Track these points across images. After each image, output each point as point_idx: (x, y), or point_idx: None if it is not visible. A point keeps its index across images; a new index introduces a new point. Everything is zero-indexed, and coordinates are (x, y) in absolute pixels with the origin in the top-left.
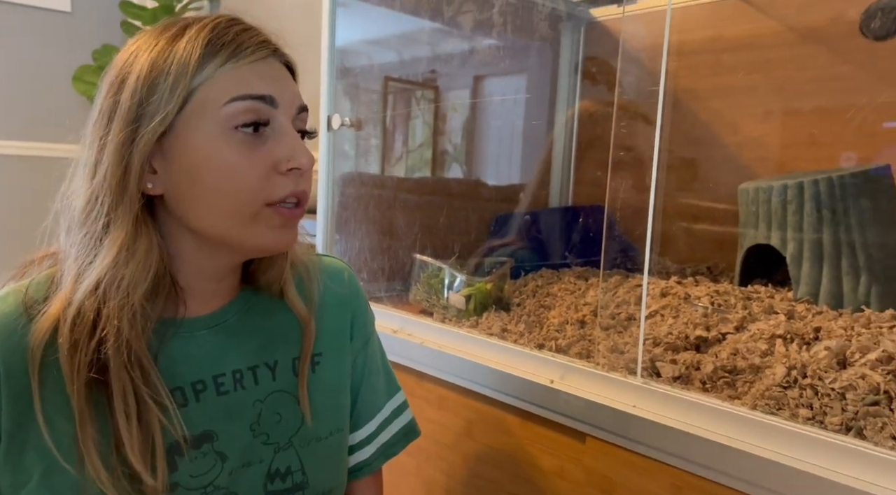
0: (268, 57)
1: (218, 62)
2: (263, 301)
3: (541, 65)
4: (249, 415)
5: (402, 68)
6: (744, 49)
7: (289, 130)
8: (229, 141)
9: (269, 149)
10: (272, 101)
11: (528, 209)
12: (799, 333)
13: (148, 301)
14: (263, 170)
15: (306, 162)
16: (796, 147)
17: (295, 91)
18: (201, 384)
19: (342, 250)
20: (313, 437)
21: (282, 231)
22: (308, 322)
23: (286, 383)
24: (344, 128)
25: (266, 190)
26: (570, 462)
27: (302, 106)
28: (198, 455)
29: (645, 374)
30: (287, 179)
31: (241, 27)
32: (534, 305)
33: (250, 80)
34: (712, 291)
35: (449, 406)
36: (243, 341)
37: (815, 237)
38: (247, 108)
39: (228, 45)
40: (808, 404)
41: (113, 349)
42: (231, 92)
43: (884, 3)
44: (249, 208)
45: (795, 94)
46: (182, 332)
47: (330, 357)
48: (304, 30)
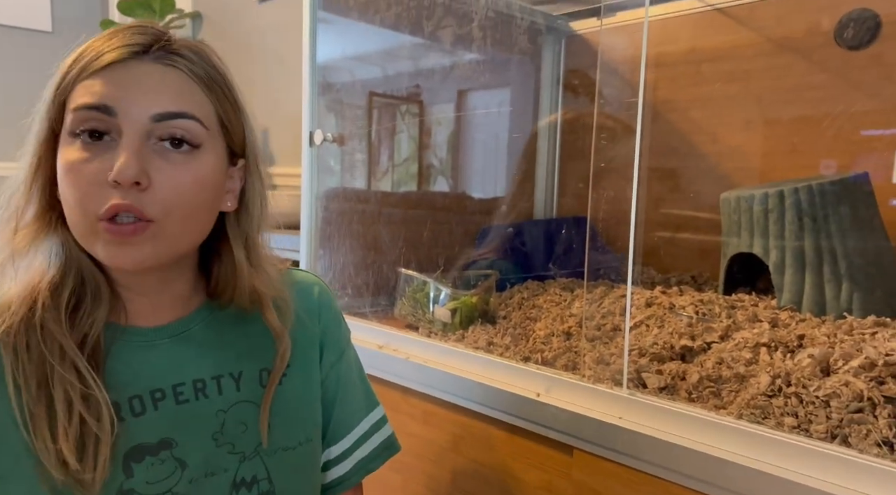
0: (128, 60)
1: (74, 74)
2: (228, 313)
3: (523, 78)
4: (212, 425)
5: (385, 83)
6: (722, 60)
7: (123, 140)
8: (71, 149)
9: (107, 158)
10: (108, 110)
11: (512, 221)
12: (783, 341)
13: (71, 296)
14: (93, 181)
15: (119, 172)
16: (776, 156)
17: (157, 98)
18: (160, 392)
19: (326, 265)
20: (280, 447)
21: (116, 248)
22: (282, 336)
23: (251, 394)
24: (327, 144)
25: (95, 201)
26: (557, 476)
27: (161, 113)
28: (155, 461)
29: (631, 385)
30: (114, 192)
31: (113, 35)
32: (520, 317)
33: (94, 88)
34: (697, 300)
35: (434, 421)
36: (208, 351)
37: (797, 245)
38: (83, 118)
39: (88, 53)
40: (793, 412)
41: (36, 338)
42: (76, 100)
43: (855, 13)
44: (84, 220)
45: (774, 104)
46: (143, 341)
47: (297, 368)
48: (285, 46)
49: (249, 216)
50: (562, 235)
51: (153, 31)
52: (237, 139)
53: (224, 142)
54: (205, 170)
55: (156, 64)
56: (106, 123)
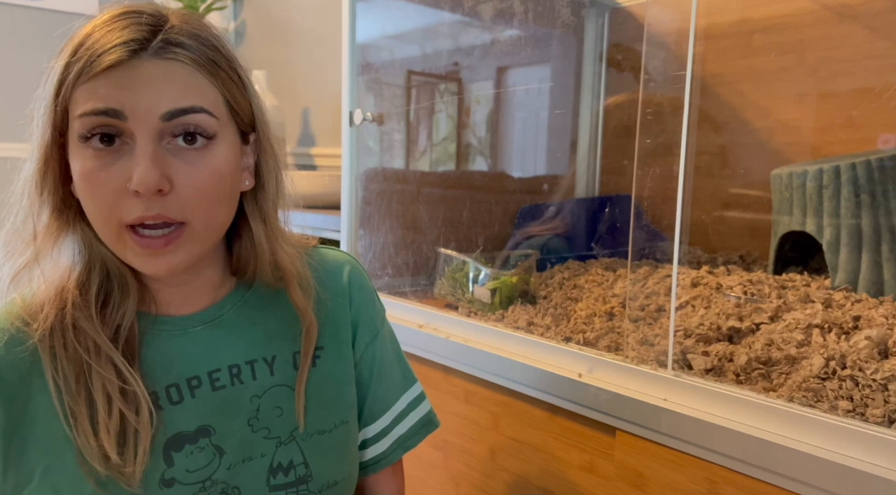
0: (129, 59)
1: (74, 75)
2: (260, 293)
3: (564, 53)
4: (247, 410)
5: (424, 62)
6: (775, 30)
7: (138, 146)
8: (84, 156)
9: (123, 165)
10: (116, 114)
11: (553, 200)
12: (837, 322)
13: (99, 290)
14: (113, 188)
15: (139, 184)
16: (832, 130)
17: (163, 95)
18: (196, 380)
19: (366, 246)
20: (315, 430)
21: (147, 259)
22: (306, 315)
23: (285, 377)
24: (366, 123)
25: (119, 210)
26: (599, 456)
27: (170, 112)
28: (194, 450)
29: (676, 367)
30: (138, 200)
31: (109, 28)
32: (560, 298)
33: (97, 91)
34: (745, 280)
35: (475, 400)
36: (240, 335)
37: (854, 223)
38: (92, 124)
39: (85, 52)
40: (848, 396)
41: (70, 337)
42: (80, 106)
43: None
44: (110, 228)
45: (831, 75)
46: (176, 329)
47: (331, 350)
48: (325, 27)
49: (265, 191)
50: (605, 214)
51: (148, 20)
52: (246, 117)
53: (234, 124)
54: (222, 162)
55: (157, 59)
56: (116, 127)
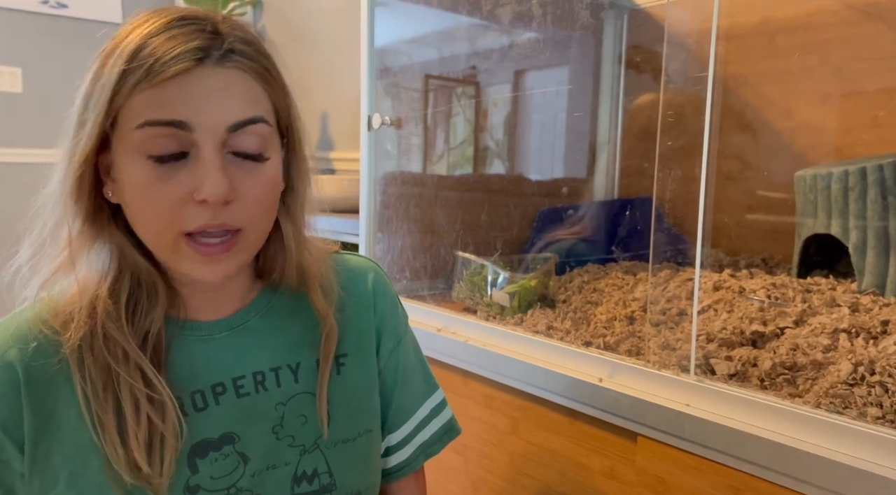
0: (194, 68)
1: (134, 81)
2: (285, 299)
3: (583, 56)
4: (272, 418)
5: (442, 65)
6: (798, 30)
7: (204, 156)
8: (143, 167)
9: (184, 176)
10: (184, 126)
11: (571, 203)
12: (865, 327)
13: (129, 297)
14: (177, 199)
15: (211, 194)
16: (857, 130)
17: (227, 107)
18: (221, 386)
19: (384, 249)
20: (339, 439)
21: (203, 266)
22: (327, 320)
23: (310, 385)
24: (385, 127)
25: (180, 219)
26: (620, 462)
27: (236, 123)
28: (218, 457)
29: (698, 372)
30: (202, 209)
31: (173, 33)
32: (580, 301)
33: (163, 100)
34: (769, 284)
35: (495, 404)
36: (265, 342)
37: (881, 225)
38: (157, 134)
39: (147, 58)
40: (877, 402)
41: (101, 344)
42: (142, 115)
43: None
44: (166, 237)
45: (855, 75)
46: (202, 335)
47: (356, 358)
48: (343, 31)
49: (295, 193)
50: (625, 217)
51: (208, 27)
52: (284, 120)
53: (278, 130)
54: (274, 171)
55: (219, 68)
56: (181, 138)
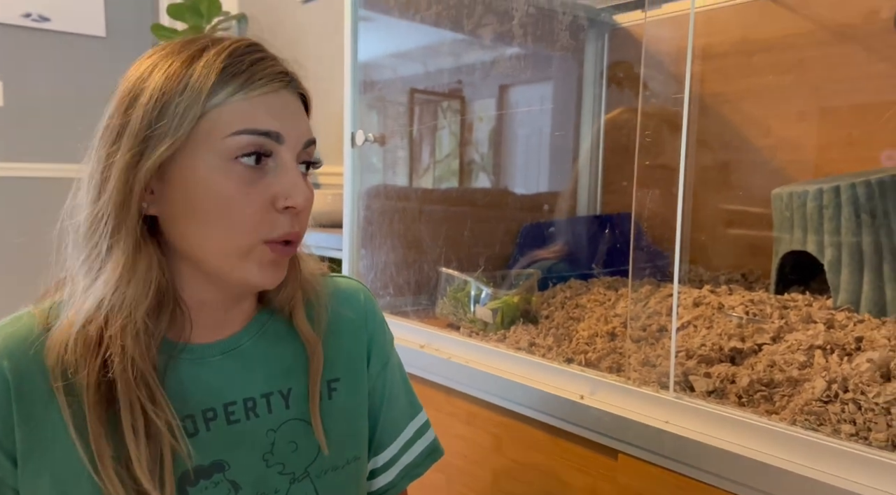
0: (280, 89)
1: (230, 91)
2: (278, 325)
3: (566, 73)
4: (262, 445)
5: (427, 80)
6: (774, 50)
7: (291, 166)
8: (229, 172)
9: (269, 183)
10: (278, 137)
11: (554, 219)
12: (839, 344)
13: (150, 318)
14: (260, 206)
15: (302, 201)
16: (833, 148)
17: (304, 126)
18: (212, 412)
19: (368, 265)
20: (330, 467)
21: (271, 268)
22: (315, 346)
23: (301, 411)
24: (368, 143)
25: (263, 226)
26: (601, 479)
27: (310, 140)
28: (209, 485)
29: (678, 389)
30: (284, 218)
31: (258, 55)
32: (562, 317)
33: (258, 113)
34: (747, 300)
35: (477, 422)
36: (257, 368)
37: (855, 242)
38: (251, 142)
39: (242, 74)
40: (850, 419)
41: (119, 367)
42: (237, 124)
43: None
44: (245, 243)
45: (830, 94)
46: (194, 358)
47: (347, 382)
48: (327, 47)
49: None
50: (605, 233)
51: (279, 57)
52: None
53: None
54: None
55: (292, 93)
56: (271, 148)
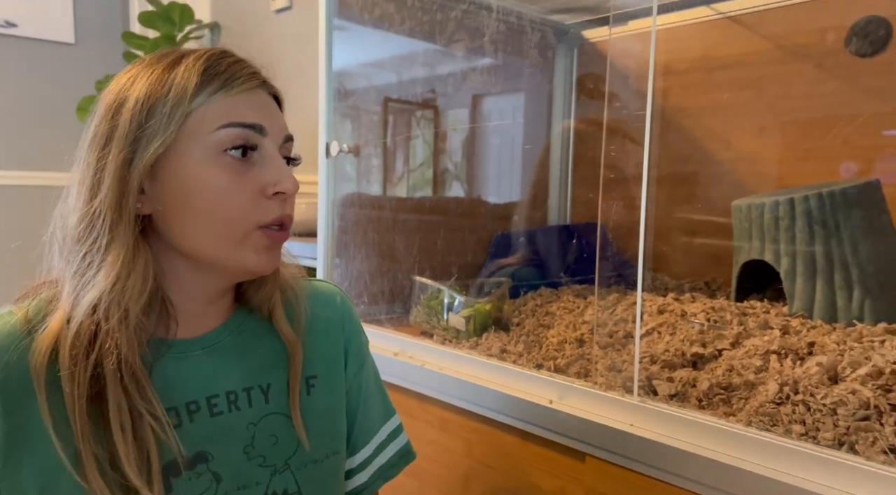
0: (257, 88)
1: (211, 90)
2: (256, 323)
3: (537, 85)
4: (243, 438)
5: (401, 89)
6: (734, 67)
7: (276, 156)
8: (218, 165)
9: (257, 173)
10: (261, 130)
11: (525, 228)
12: (793, 348)
13: (144, 316)
14: (251, 194)
15: (292, 186)
16: (790, 162)
17: (282, 121)
18: (195, 404)
19: (342, 274)
20: (310, 460)
21: (267, 253)
22: (295, 345)
23: (280, 405)
24: (343, 154)
25: (256, 213)
26: (570, 482)
27: (288, 136)
28: (192, 475)
29: (642, 393)
30: (274, 203)
31: (233, 59)
32: (533, 325)
33: (241, 109)
34: (708, 307)
35: (450, 428)
36: (238, 362)
37: (808, 252)
38: (237, 135)
39: (222, 74)
40: (800, 420)
41: (112, 364)
42: (222, 119)
43: (865, 22)
44: (240, 230)
45: (786, 110)
46: (176, 353)
47: (324, 379)
48: (301, 56)
49: None
50: (574, 242)
51: (256, 66)
52: None
53: None
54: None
55: (268, 94)
56: (256, 140)
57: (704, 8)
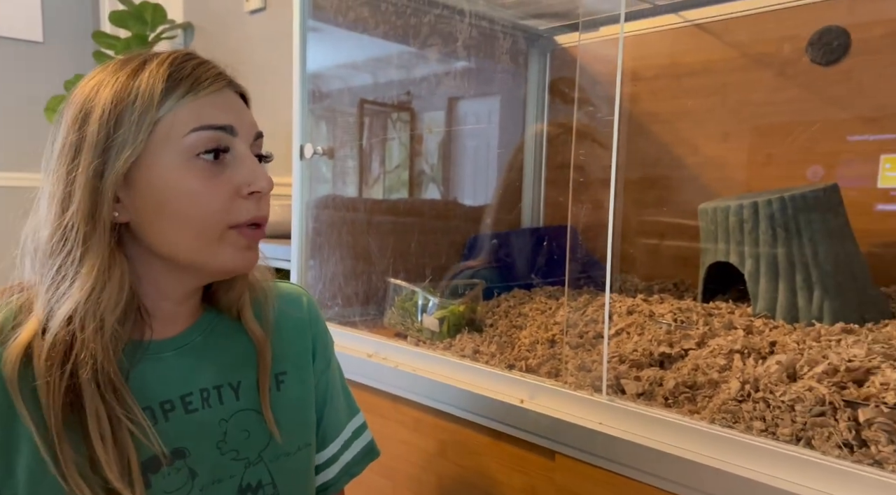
0: (223, 88)
1: (179, 94)
2: (225, 323)
3: (511, 89)
4: (216, 433)
5: (376, 91)
6: (700, 74)
7: (248, 156)
8: (192, 168)
9: (230, 174)
10: (232, 130)
11: (499, 231)
12: (756, 348)
13: (119, 324)
14: (226, 195)
15: (266, 185)
16: (754, 166)
17: (251, 119)
18: (169, 404)
19: (316, 276)
20: (282, 452)
21: (245, 252)
22: (263, 343)
23: (251, 402)
24: (317, 156)
25: (230, 213)
26: (540, 480)
27: (258, 132)
28: (170, 471)
29: (610, 392)
30: (249, 203)
31: (197, 61)
32: (506, 326)
33: (209, 111)
34: (676, 308)
35: (424, 428)
36: (209, 361)
37: (771, 254)
38: (208, 138)
39: (188, 78)
40: (761, 416)
41: (89, 373)
42: (192, 122)
43: (825, 31)
44: (214, 231)
45: (750, 116)
46: (151, 354)
47: (294, 375)
48: (275, 57)
49: None
50: (546, 244)
51: (220, 66)
52: None
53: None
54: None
55: (235, 93)
56: (228, 142)
57: (673, 15)
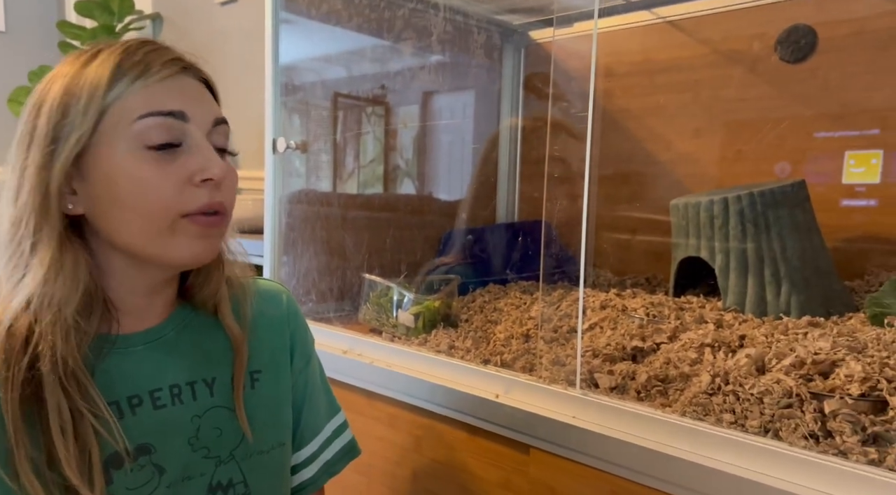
0: (177, 74)
1: (128, 81)
2: (201, 319)
3: (486, 84)
4: (188, 430)
5: (351, 84)
6: (672, 70)
7: (201, 143)
8: (142, 157)
9: (183, 162)
10: (182, 116)
11: (474, 225)
12: (726, 341)
13: (82, 317)
14: (177, 183)
15: (219, 172)
16: (724, 162)
17: (209, 105)
18: (137, 398)
19: (290, 272)
20: (255, 451)
21: (200, 241)
22: (240, 340)
23: (225, 399)
24: (290, 150)
25: (181, 201)
26: (514, 473)
27: (218, 119)
28: (134, 467)
29: (584, 386)
30: (202, 191)
31: (150, 48)
32: (481, 321)
33: (159, 96)
34: (648, 303)
35: (399, 424)
36: (181, 357)
37: (740, 249)
38: (157, 124)
39: (138, 64)
40: (730, 409)
41: (48, 365)
42: (141, 109)
43: (793, 29)
44: (164, 220)
45: (721, 113)
46: (118, 348)
47: (269, 374)
48: (248, 49)
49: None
50: (521, 240)
51: (178, 52)
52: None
53: None
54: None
55: (194, 79)
56: (174, 129)
57: (646, 12)
